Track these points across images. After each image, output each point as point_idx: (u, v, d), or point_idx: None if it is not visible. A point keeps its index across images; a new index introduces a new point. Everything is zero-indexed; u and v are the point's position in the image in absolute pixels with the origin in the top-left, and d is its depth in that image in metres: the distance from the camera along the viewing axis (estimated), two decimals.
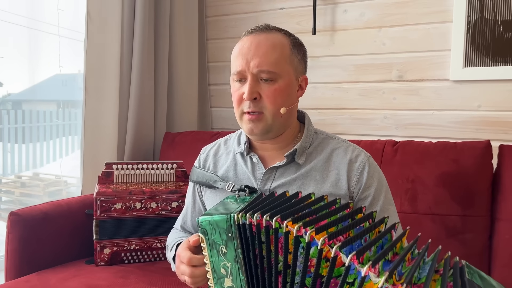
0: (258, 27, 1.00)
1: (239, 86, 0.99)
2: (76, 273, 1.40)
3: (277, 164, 1.01)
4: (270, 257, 0.74)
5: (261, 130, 0.97)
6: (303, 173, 0.99)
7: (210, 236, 0.77)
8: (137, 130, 1.94)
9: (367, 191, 0.98)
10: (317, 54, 1.99)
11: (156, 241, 1.55)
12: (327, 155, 1.01)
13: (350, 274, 0.63)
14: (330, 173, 0.99)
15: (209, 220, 0.76)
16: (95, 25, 1.79)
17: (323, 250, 0.66)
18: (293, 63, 0.99)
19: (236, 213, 0.75)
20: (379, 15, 1.86)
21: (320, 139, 1.05)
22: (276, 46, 0.97)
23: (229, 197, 0.91)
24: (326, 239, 0.66)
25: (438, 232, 1.34)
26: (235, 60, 0.99)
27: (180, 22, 2.12)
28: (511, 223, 1.29)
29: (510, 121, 1.65)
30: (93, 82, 1.81)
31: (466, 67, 1.70)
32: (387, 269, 0.62)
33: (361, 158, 1.00)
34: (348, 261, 0.63)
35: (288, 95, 0.99)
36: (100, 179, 1.60)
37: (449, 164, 1.37)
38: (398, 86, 1.85)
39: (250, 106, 0.96)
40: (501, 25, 1.63)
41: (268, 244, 0.73)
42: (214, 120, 2.31)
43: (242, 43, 0.98)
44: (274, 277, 0.73)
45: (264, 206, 0.78)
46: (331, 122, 1.98)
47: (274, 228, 0.72)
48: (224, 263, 0.76)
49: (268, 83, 0.96)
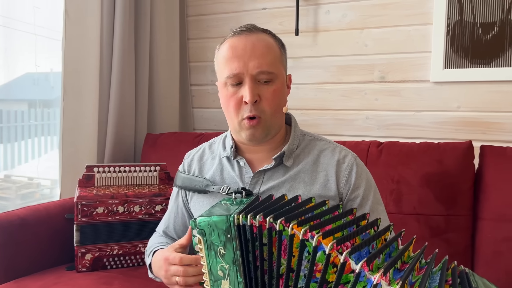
0: (245, 27, 0.97)
1: (234, 91, 0.95)
2: (56, 281, 1.36)
3: (265, 167, 0.99)
4: (271, 260, 0.73)
5: (261, 134, 0.96)
6: (292, 176, 0.98)
7: (208, 237, 0.75)
8: (118, 131, 1.90)
9: (356, 192, 0.98)
10: (300, 55, 1.99)
11: (139, 245, 1.51)
12: (315, 157, 1.01)
13: (360, 281, 0.62)
14: (318, 175, 0.98)
15: (208, 220, 0.75)
16: (73, 23, 1.74)
17: (331, 255, 0.65)
18: (283, 63, 1.00)
19: (236, 214, 0.74)
20: (361, 16, 1.88)
21: (307, 140, 1.04)
22: (270, 46, 0.96)
23: (224, 199, 0.89)
24: (334, 244, 0.65)
25: (423, 232, 1.36)
26: (228, 63, 0.94)
27: (161, 21, 2.08)
28: (493, 222, 1.32)
29: (488, 121, 1.69)
30: (71, 81, 1.75)
31: (446, 68, 1.73)
32: (398, 278, 0.61)
33: (349, 159, 1.00)
34: (358, 268, 0.62)
35: (283, 95, 0.99)
36: (80, 182, 1.56)
37: (432, 164, 1.39)
38: (380, 87, 1.87)
39: (251, 109, 0.93)
40: (480, 28, 1.67)
41: (270, 246, 0.72)
42: (196, 121, 2.28)
43: (233, 45, 0.95)
44: (275, 280, 0.72)
45: (264, 208, 0.78)
46: (314, 123, 1.99)
47: (278, 231, 0.71)
48: (222, 265, 0.75)
49: (267, 85, 0.94)
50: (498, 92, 1.67)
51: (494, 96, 1.68)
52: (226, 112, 1.00)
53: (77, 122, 1.78)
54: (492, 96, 1.68)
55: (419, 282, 0.61)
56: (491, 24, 1.65)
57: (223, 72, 0.95)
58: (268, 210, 0.75)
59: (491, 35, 1.66)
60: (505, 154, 1.36)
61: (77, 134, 1.79)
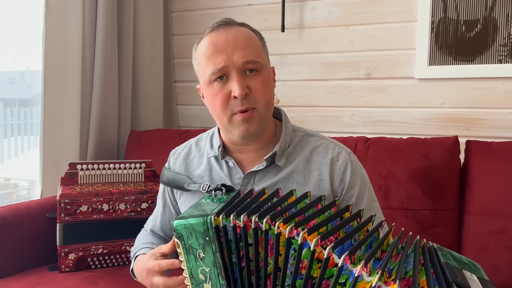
0: (222, 22, 0.93)
1: (220, 87, 0.89)
2: (39, 281, 1.32)
3: (256, 168, 0.95)
4: (258, 260, 0.71)
5: (257, 128, 0.90)
6: (284, 176, 0.94)
7: (186, 240, 0.72)
8: (101, 129, 1.86)
9: (351, 191, 0.95)
10: (286, 52, 1.99)
11: (125, 244, 1.48)
12: (308, 155, 0.96)
13: (342, 274, 0.63)
14: (312, 174, 0.95)
15: (184, 224, 0.72)
16: (54, 18, 1.69)
17: (316, 251, 0.65)
18: (266, 55, 0.97)
19: (213, 215, 0.71)
20: (347, 13, 1.88)
21: (299, 137, 0.99)
22: (251, 37, 0.93)
23: (205, 197, 0.86)
24: (319, 240, 0.65)
25: (411, 227, 1.37)
26: (211, 59, 0.89)
27: (145, 17, 2.05)
28: (479, 216, 1.34)
29: (472, 117, 1.72)
30: (52, 78, 1.71)
31: (430, 65, 1.75)
32: (378, 267, 0.62)
33: (343, 156, 0.96)
34: (341, 262, 0.62)
35: (272, 86, 0.96)
36: (63, 180, 1.51)
37: (420, 159, 1.40)
38: (365, 83, 1.88)
39: (242, 103, 0.88)
40: (464, 25, 1.69)
41: (257, 246, 0.71)
42: (180, 118, 2.25)
43: (213, 40, 0.90)
44: (263, 280, 0.71)
45: (246, 206, 0.75)
46: (300, 120, 1.98)
47: (264, 230, 0.69)
48: (203, 268, 0.72)
49: (254, 75, 0.90)
50: (481, 89, 1.70)
51: (477, 92, 1.70)
52: (213, 112, 0.94)
53: (58, 120, 1.73)
54: (475, 93, 1.70)
55: (396, 269, 0.62)
56: (474, 22, 1.68)
57: (207, 70, 0.90)
58: (251, 209, 0.73)
59: (474, 33, 1.69)
60: (490, 149, 1.38)
61: (59, 132, 1.74)
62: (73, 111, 1.76)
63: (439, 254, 0.68)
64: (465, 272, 0.64)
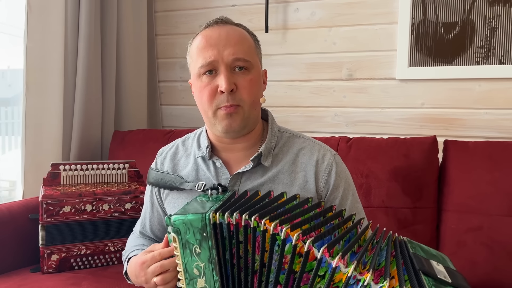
0: (219, 19, 0.96)
1: (209, 80, 0.91)
2: (21, 283, 1.31)
3: (243, 169, 0.96)
4: (247, 257, 0.73)
5: (240, 125, 0.91)
6: (271, 177, 0.95)
7: (184, 235, 0.74)
8: (84, 129, 1.85)
9: (336, 192, 0.96)
10: (270, 52, 2.00)
11: (109, 244, 1.48)
12: (294, 156, 0.98)
13: (321, 267, 0.66)
14: (297, 175, 0.96)
15: (182, 219, 0.74)
16: (36, 17, 1.68)
17: (297, 246, 0.68)
18: (258, 55, 0.98)
19: (211, 212, 0.73)
20: (330, 14, 1.91)
21: (285, 138, 1.01)
22: (244, 36, 0.95)
23: (200, 196, 0.88)
24: (300, 235, 0.67)
25: (391, 224, 1.40)
26: (202, 52, 0.91)
27: (128, 16, 2.04)
28: (456, 213, 1.38)
29: (450, 118, 1.76)
30: (34, 78, 1.69)
31: (410, 66, 1.79)
32: (354, 260, 0.65)
33: (328, 158, 0.98)
34: (320, 254, 0.65)
35: (260, 86, 0.97)
36: (45, 181, 1.50)
37: (400, 159, 1.44)
38: (348, 84, 1.91)
39: (228, 99, 0.89)
40: (442, 27, 1.74)
41: (246, 243, 0.73)
42: (164, 118, 2.25)
43: (207, 35, 0.92)
44: (250, 276, 0.72)
45: (240, 205, 0.77)
46: (284, 120, 2.00)
47: (252, 227, 0.71)
48: (198, 263, 0.74)
49: (243, 73, 0.91)
50: (459, 90, 1.74)
51: (455, 93, 1.75)
52: (199, 104, 0.95)
53: (40, 120, 1.72)
54: (454, 94, 1.75)
55: (371, 261, 0.66)
56: (453, 24, 1.72)
57: (197, 63, 0.92)
58: (244, 208, 0.75)
59: (453, 35, 1.73)
60: (467, 148, 1.42)
61: (41, 132, 1.72)
62: (55, 111, 1.74)
63: (408, 246, 0.72)
64: (432, 261, 0.68)
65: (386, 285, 0.60)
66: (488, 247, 1.31)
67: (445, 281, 0.64)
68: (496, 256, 1.29)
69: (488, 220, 1.32)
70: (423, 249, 0.74)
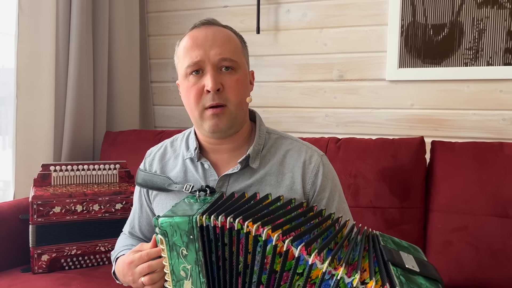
0: (206, 20, 0.96)
1: (195, 80, 0.92)
2: (11, 283, 1.31)
3: (231, 171, 0.96)
4: (232, 259, 0.74)
5: (226, 125, 0.92)
6: (258, 179, 0.96)
7: (171, 237, 0.75)
8: (75, 129, 1.85)
9: (322, 193, 0.97)
10: (261, 53, 2.02)
11: (99, 244, 1.49)
12: (281, 157, 0.98)
13: (300, 265, 0.67)
14: (284, 177, 0.97)
15: (170, 221, 0.74)
16: (27, 17, 1.68)
17: (278, 246, 0.69)
18: (245, 56, 0.99)
19: (198, 215, 0.74)
20: (321, 16, 1.92)
21: (273, 139, 1.01)
22: (231, 37, 0.96)
23: (188, 197, 0.88)
24: (280, 235, 0.69)
25: (379, 224, 1.41)
26: (189, 52, 0.92)
27: (120, 17, 2.04)
28: (443, 213, 1.39)
29: (439, 118, 1.78)
30: (25, 78, 1.69)
31: (400, 68, 1.80)
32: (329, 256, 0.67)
33: (315, 159, 0.98)
34: (298, 252, 0.67)
35: (247, 87, 0.97)
36: (36, 181, 1.51)
37: (388, 159, 1.45)
38: (338, 85, 1.92)
39: (214, 98, 0.90)
40: (431, 29, 1.75)
41: (231, 245, 0.74)
42: (156, 118, 2.26)
43: (194, 35, 0.93)
44: (234, 278, 0.74)
45: (226, 207, 0.78)
46: (275, 120, 2.02)
47: (237, 230, 0.72)
48: (184, 265, 0.75)
49: (229, 73, 0.92)
50: (448, 91, 1.76)
51: (444, 94, 1.76)
52: (187, 105, 0.96)
53: (31, 120, 1.72)
54: (443, 95, 1.77)
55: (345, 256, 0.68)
56: (442, 26, 1.74)
57: (184, 63, 0.93)
58: (229, 210, 0.76)
59: (442, 36, 1.75)
60: (453, 149, 1.44)
61: (32, 132, 1.73)
62: (46, 111, 1.74)
63: (380, 239, 0.75)
64: (402, 253, 0.71)
65: (357, 277, 0.62)
66: (473, 246, 1.33)
67: (413, 270, 0.66)
68: (481, 255, 1.31)
69: (473, 219, 1.34)
70: (394, 241, 0.76)
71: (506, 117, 1.69)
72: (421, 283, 0.64)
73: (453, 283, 1.33)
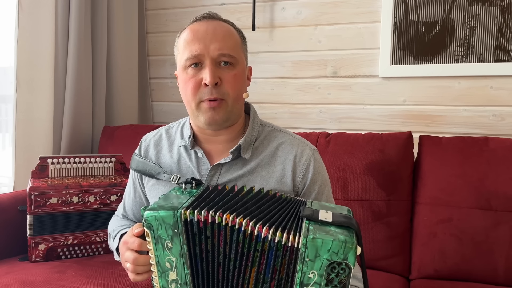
0: (207, 14, 0.98)
1: (194, 73, 0.93)
2: (9, 270, 1.36)
3: (223, 161, 0.98)
4: (214, 251, 0.77)
5: (222, 118, 0.94)
6: (250, 170, 0.98)
7: (156, 231, 0.77)
8: (74, 124, 1.90)
9: (312, 187, 0.99)
10: (257, 50, 2.05)
11: (95, 235, 1.53)
12: (273, 150, 1.00)
13: (258, 241, 0.74)
14: (275, 169, 0.98)
15: (155, 215, 0.77)
16: (26, 14, 1.72)
17: (246, 231, 0.74)
18: (244, 52, 1.00)
19: (183, 210, 0.77)
20: (315, 13, 1.95)
21: (266, 131, 1.03)
22: (231, 32, 0.97)
23: (175, 189, 0.90)
24: (248, 221, 0.74)
25: (366, 216, 1.44)
26: (189, 45, 0.93)
27: (119, 14, 2.09)
28: (429, 206, 1.42)
29: (431, 114, 1.80)
30: (25, 74, 1.74)
31: (393, 64, 1.83)
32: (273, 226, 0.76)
33: (307, 153, 1.00)
34: (256, 231, 0.73)
35: (244, 82, 0.99)
36: (34, 173, 1.55)
37: (376, 153, 1.48)
38: (332, 82, 1.95)
39: (211, 92, 0.91)
40: (423, 26, 1.78)
41: (212, 238, 0.77)
42: (155, 114, 2.30)
43: (195, 29, 0.94)
44: (216, 269, 0.77)
45: (209, 201, 0.81)
46: (270, 116, 2.05)
47: (217, 223, 0.76)
48: (169, 257, 0.78)
49: (228, 68, 0.93)
50: (439, 87, 1.78)
51: (435, 90, 1.79)
52: (184, 96, 0.97)
53: (31, 115, 1.76)
54: (434, 91, 1.79)
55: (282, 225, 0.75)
56: (433, 23, 1.76)
57: (183, 55, 0.94)
58: (211, 204, 0.79)
59: (433, 33, 1.77)
60: (440, 144, 1.46)
61: (31, 127, 1.77)
62: (46, 107, 1.78)
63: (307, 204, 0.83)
64: (321, 211, 0.78)
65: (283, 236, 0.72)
66: (457, 238, 1.35)
67: (325, 221, 0.74)
68: (464, 247, 1.34)
69: (457, 212, 1.36)
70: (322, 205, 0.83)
71: (496, 113, 1.71)
72: (330, 229, 0.71)
73: (437, 273, 1.36)
